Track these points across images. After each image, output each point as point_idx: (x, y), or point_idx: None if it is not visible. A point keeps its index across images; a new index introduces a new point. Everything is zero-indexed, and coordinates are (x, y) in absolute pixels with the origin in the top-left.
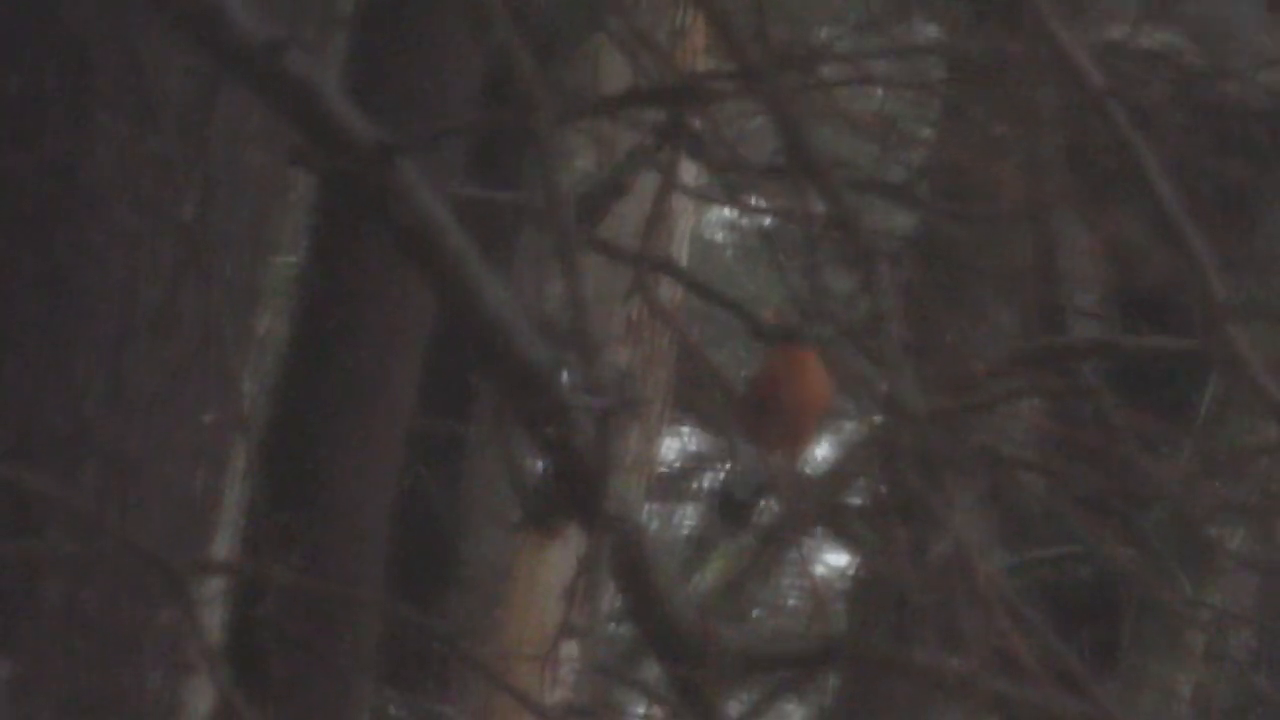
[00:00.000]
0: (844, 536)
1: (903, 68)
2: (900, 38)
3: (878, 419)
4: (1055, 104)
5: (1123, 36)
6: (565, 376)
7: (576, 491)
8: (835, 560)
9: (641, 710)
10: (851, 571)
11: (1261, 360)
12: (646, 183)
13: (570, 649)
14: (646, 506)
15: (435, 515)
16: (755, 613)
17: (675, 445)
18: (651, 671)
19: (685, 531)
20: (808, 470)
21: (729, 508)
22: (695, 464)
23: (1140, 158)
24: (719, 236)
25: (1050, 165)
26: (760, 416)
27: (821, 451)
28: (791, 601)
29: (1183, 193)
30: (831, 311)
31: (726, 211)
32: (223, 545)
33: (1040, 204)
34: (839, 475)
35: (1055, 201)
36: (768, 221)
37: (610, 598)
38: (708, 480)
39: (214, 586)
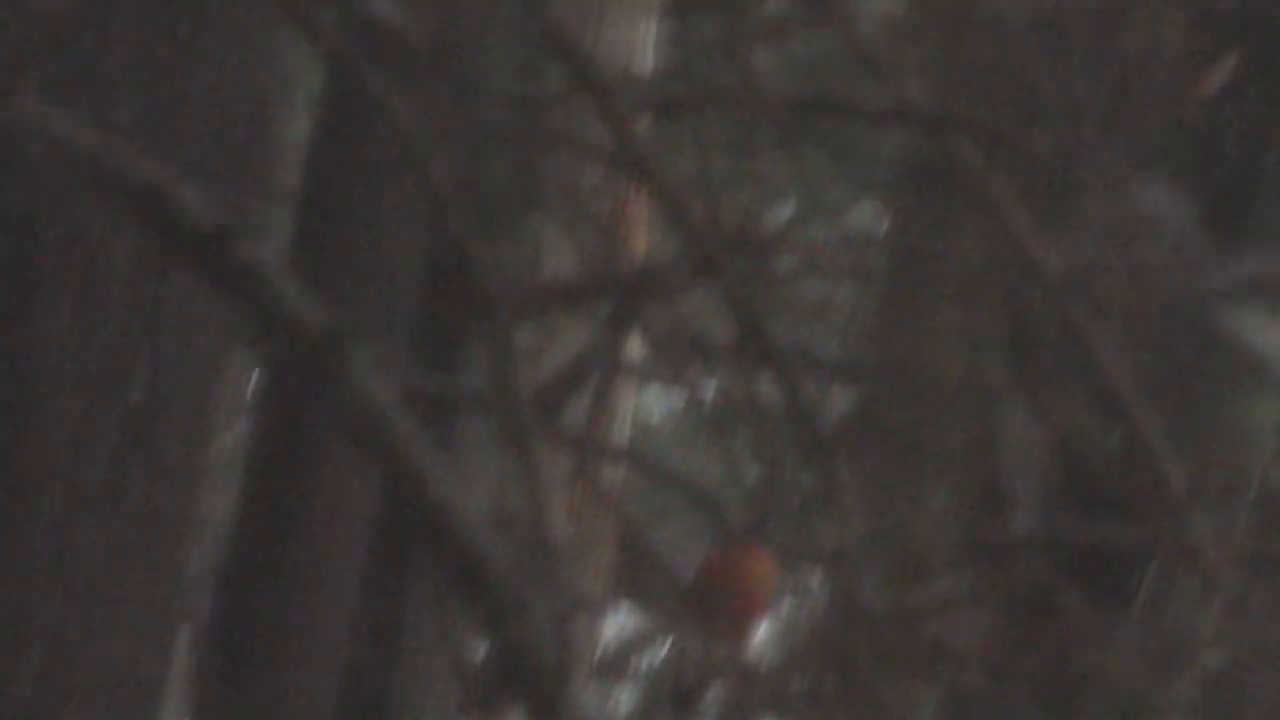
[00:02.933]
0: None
1: (850, 252)
2: (848, 222)
3: (829, 612)
4: (1004, 287)
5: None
6: (518, 570)
7: (526, 683)
8: None
9: None
10: None
11: (1216, 550)
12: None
13: None
14: (588, 688)
15: (377, 699)
16: None
17: (614, 624)
18: None
19: (624, 711)
20: (754, 659)
21: (676, 696)
22: (635, 644)
23: (1093, 344)
24: (657, 417)
25: (993, 345)
26: (706, 608)
27: (769, 641)
28: None
29: (1135, 379)
30: (786, 501)
31: (668, 393)
32: None
33: (985, 388)
34: (787, 665)
35: (1000, 386)
36: (717, 406)
37: None
38: (646, 661)
39: None
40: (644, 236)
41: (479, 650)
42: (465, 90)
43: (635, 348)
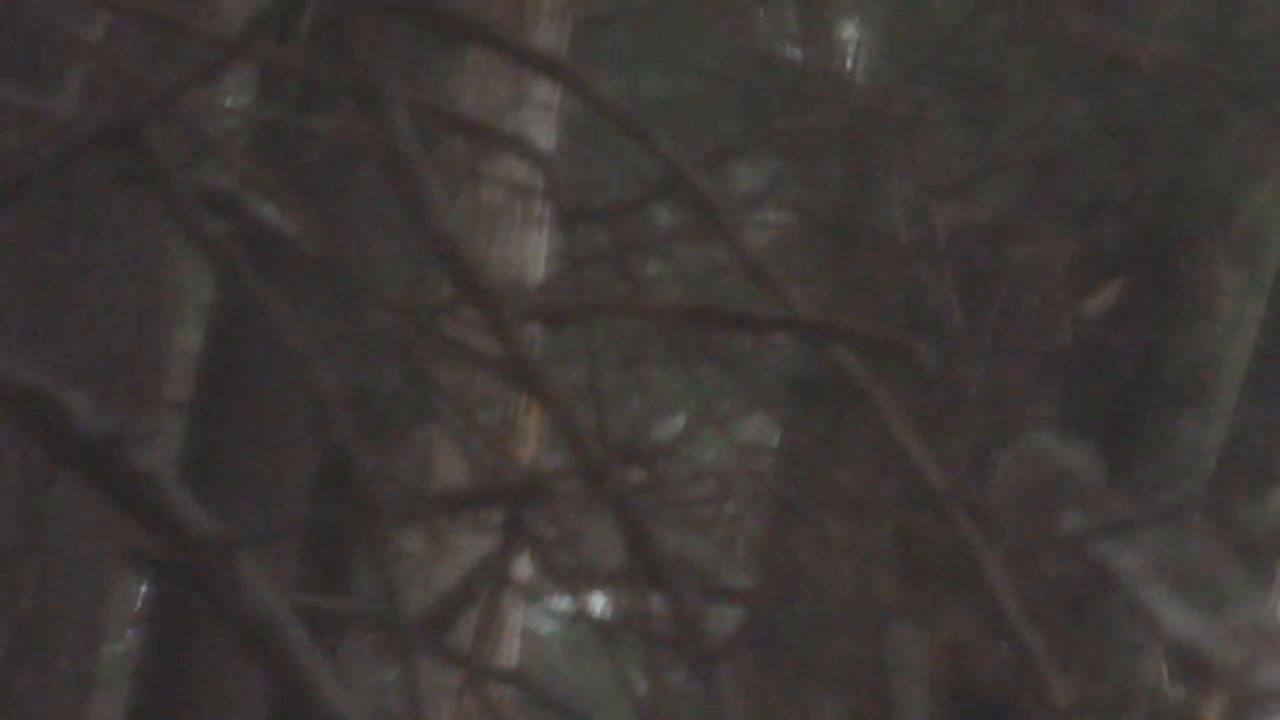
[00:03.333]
0: None
1: (740, 465)
2: (738, 435)
3: None
4: (890, 499)
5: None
6: None
7: None
8: None
9: None
10: None
11: None
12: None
13: None
14: None
15: None
16: None
17: None
18: None
19: None
20: None
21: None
22: None
23: (979, 556)
24: (546, 630)
25: (883, 560)
26: None
27: None
28: None
29: (1021, 591)
30: (671, 711)
31: (558, 606)
32: None
33: (872, 600)
34: None
35: (888, 599)
36: (606, 620)
37: None
38: None
39: None
40: (533, 447)
41: None
42: (354, 299)
43: (524, 561)
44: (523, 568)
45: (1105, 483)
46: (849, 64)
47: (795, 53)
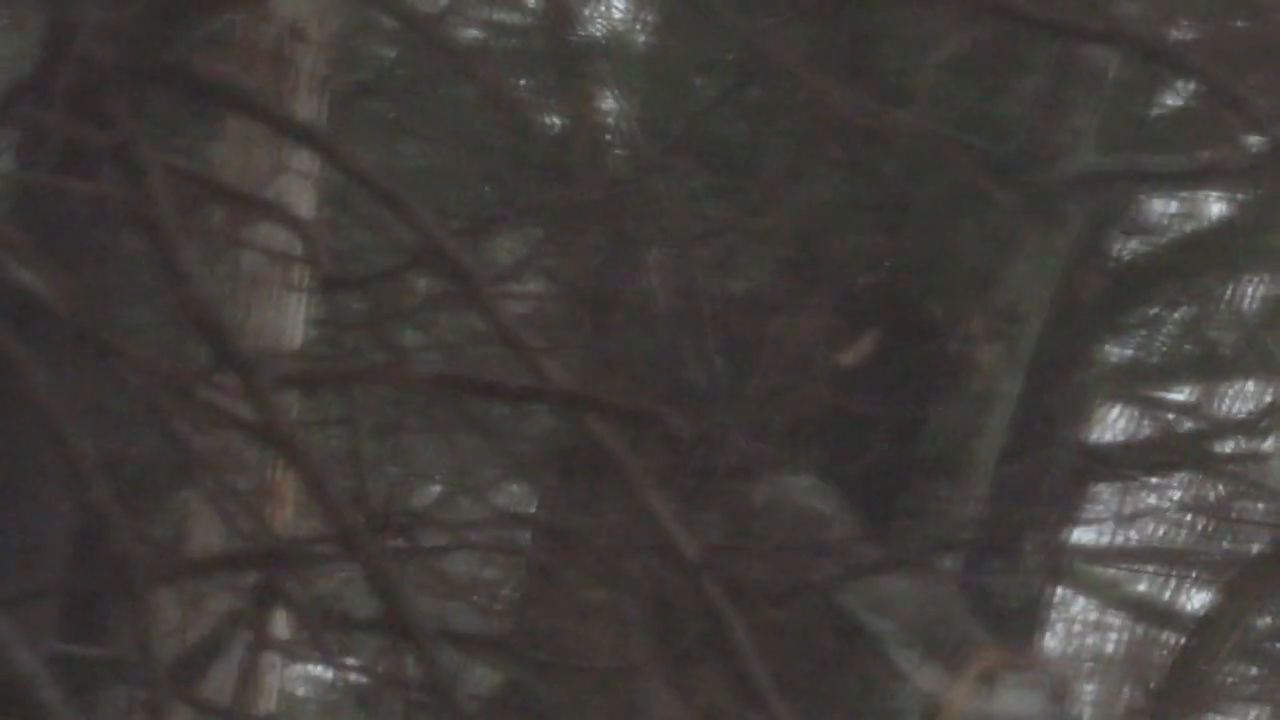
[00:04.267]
0: None
1: (495, 531)
2: (495, 501)
3: None
4: (646, 570)
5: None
6: None
7: None
8: None
9: None
10: None
11: None
12: (237, 637)
13: None
14: None
15: None
16: None
17: None
18: None
19: None
20: None
21: None
22: None
23: (730, 626)
24: (302, 690)
25: (637, 628)
26: None
27: None
28: None
29: (772, 656)
30: None
31: (313, 667)
32: None
33: (627, 666)
34: None
35: (642, 663)
36: (359, 680)
37: None
38: None
39: None
40: (289, 511)
41: None
42: (111, 364)
43: (281, 622)
44: (279, 628)
45: (854, 527)
46: (607, 135)
47: (554, 122)
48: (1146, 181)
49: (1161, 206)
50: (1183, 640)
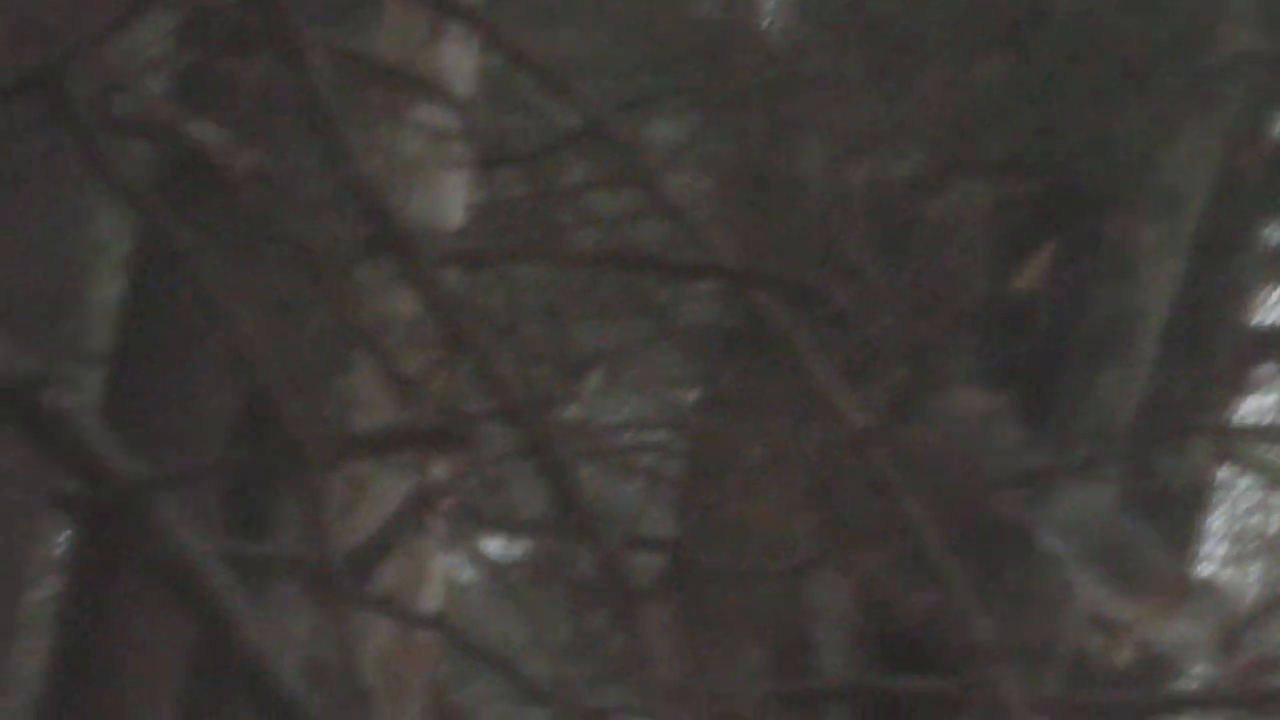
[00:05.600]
0: None
1: (657, 402)
2: (659, 381)
3: None
4: (812, 442)
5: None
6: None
7: None
8: None
9: None
10: None
11: (1022, 701)
12: (405, 525)
13: None
14: None
15: None
16: None
17: None
18: None
19: None
20: None
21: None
22: None
23: (901, 498)
24: (467, 577)
25: (804, 505)
26: None
27: None
28: None
29: (942, 534)
30: (595, 653)
31: (479, 554)
32: None
33: (793, 545)
34: None
35: (808, 543)
36: (527, 565)
37: None
38: None
39: None
40: (454, 392)
41: None
42: (278, 244)
43: (445, 507)
44: (444, 513)
45: (1026, 436)
46: (765, 20)
47: (712, 8)
48: None
49: None
50: None
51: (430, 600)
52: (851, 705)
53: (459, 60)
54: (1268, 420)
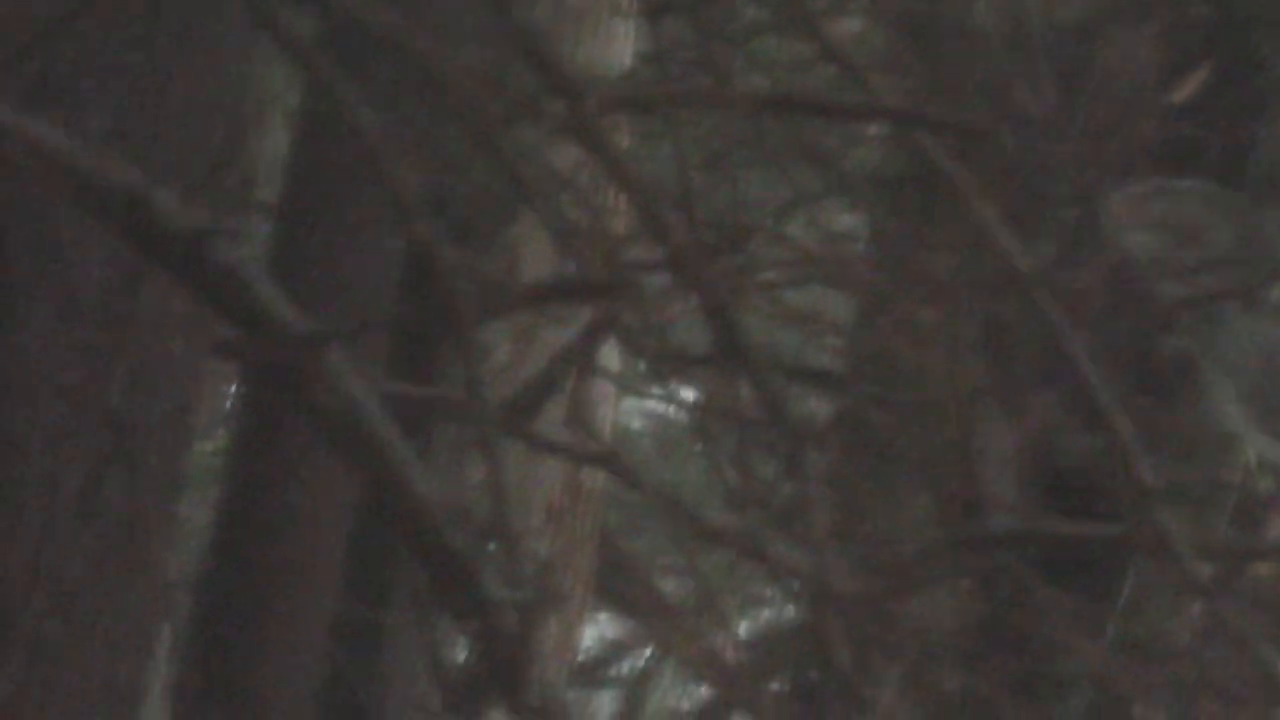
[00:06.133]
0: None
1: (828, 255)
2: (826, 226)
3: (805, 602)
4: (978, 286)
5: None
6: (489, 567)
7: (500, 680)
8: None
9: None
10: None
11: (1189, 544)
12: (570, 371)
13: None
14: (567, 693)
15: (357, 701)
16: None
17: (594, 632)
18: None
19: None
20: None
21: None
22: (614, 651)
23: (1066, 340)
24: (637, 424)
25: (971, 346)
26: None
27: (743, 637)
28: None
29: (1108, 375)
30: (758, 497)
31: (647, 400)
32: None
33: (961, 386)
34: (762, 661)
35: (976, 383)
36: (693, 409)
37: None
38: (626, 668)
39: None
40: (621, 240)
41: (459, 651)
42: (441, 94)
43: (614, 354)
44: (612, 360)
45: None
46: None
47: None
48: None
49: None
50: None
51: (600, 444)
52: (1018, 550)
53: None
54: None
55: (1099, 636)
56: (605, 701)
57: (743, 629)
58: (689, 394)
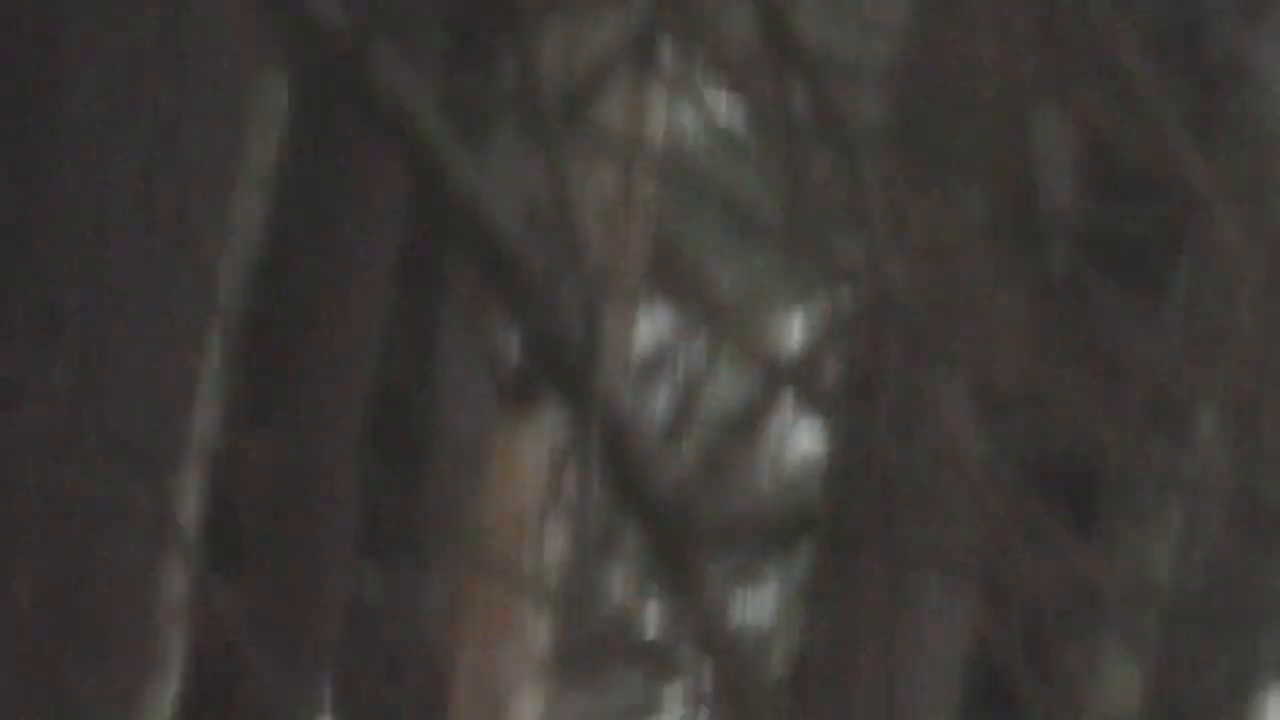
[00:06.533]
0: (820, 415)
1: None
2: None
3: (859, 297)
4: None
5: None
6: (547, 263)
7: (557, 369)
8: (811, 438)
9: (624, 583)
10: (828, 449)
11: (1239, 234)
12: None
13: (553, 524)
14: (625, 390)
15: (411, 392)
16: (732, 490)
17: (648, 328)
18: (632, 545)
19: (659, 411)
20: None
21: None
22: (668, 346)
23: (1120, 41)
24: (689, 124)
25: (1025, 44)
26: None
27: (796, 332)
28: (768, 478)
29: (1159, 69)
30: (813, 197)
31: (698, 100)
32: (201, 429)
33: (1016, 84)
34: (814, 355)
35: (1030, 81)
36: (748, 113)
37: (594, 474)
38: (681, 361)
39: (192, 470)
40: None
41: (512, 345)
42: None
43: (667, 56)
44: (665, 62)
45: None
46: None
47: None
48: None
49: None
50: None
51: (653, 143)
52: (1075, 247)
53: None
54: None
55: (1157, 332)
56: (661, 397)
57: (796, 326)
58: (742, 94)
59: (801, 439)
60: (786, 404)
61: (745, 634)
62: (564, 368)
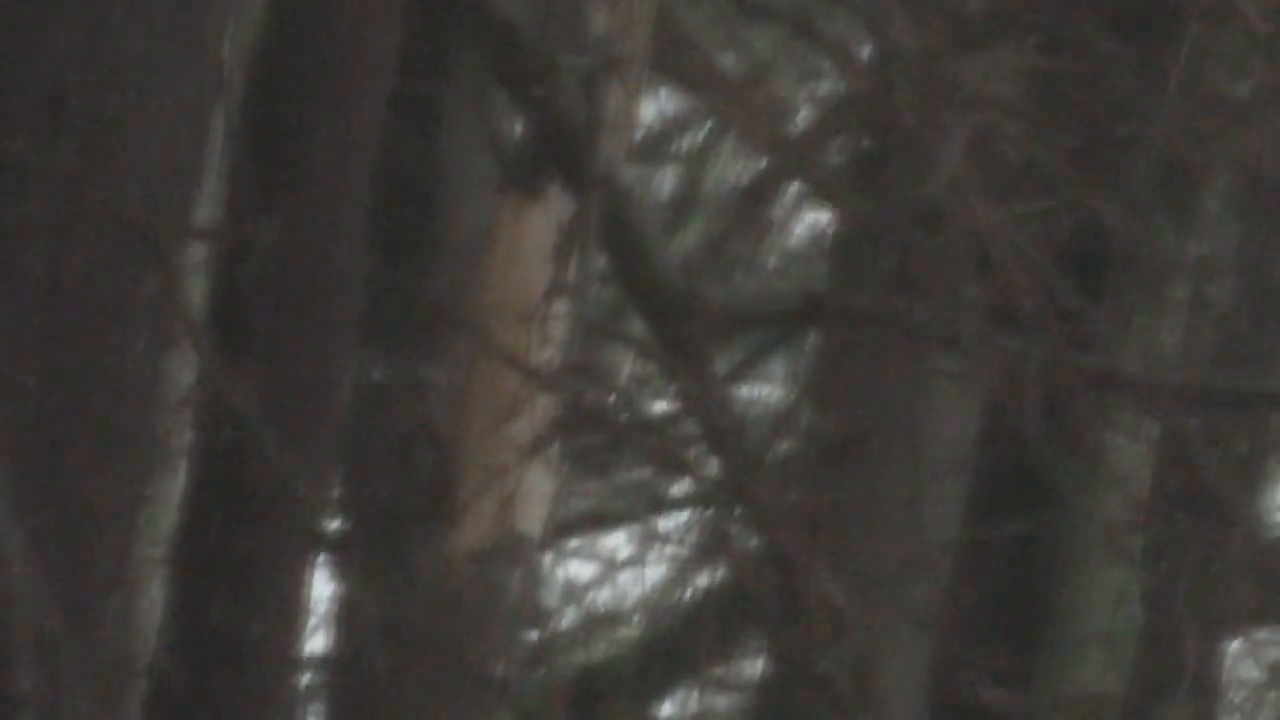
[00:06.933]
0: (824, 193)
1: None
2: None
3: (869, 63)
4: None
5: None
6: (550, 35)
7: (561, 152)
8: (816, 218)
9: (629, 367)
10: (832, 228)
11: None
12: None
13: (557, 308)
14: (628, 169)
15: (415, 177)
16: (737, 272)
17: (653, 108)
18: (638, 329)
19: (665, 193)
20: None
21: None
22: (674, 126)
23: None
24: None
25: None
26: None
27: (802, 110)
28: (773, 261)
29: None
30: None
31: None
32: (205, 210)
33: None
34: (819, 132)
35: None
36: None
37: (596, 256)
38: (686, 143)
39: (197, 252)
40: None
41: (517, 124)
42: None
43: None
44: None
45: None
46: None
47: None
48: None
49: None
50: None
51: None
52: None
53: None
54: None
55: (1163, 94)
56: (665, 177)
57: (800, 101)
58: None
59: (807, 220)
60: (792, 184)
61: (750, 418)
62: (567, 149)
